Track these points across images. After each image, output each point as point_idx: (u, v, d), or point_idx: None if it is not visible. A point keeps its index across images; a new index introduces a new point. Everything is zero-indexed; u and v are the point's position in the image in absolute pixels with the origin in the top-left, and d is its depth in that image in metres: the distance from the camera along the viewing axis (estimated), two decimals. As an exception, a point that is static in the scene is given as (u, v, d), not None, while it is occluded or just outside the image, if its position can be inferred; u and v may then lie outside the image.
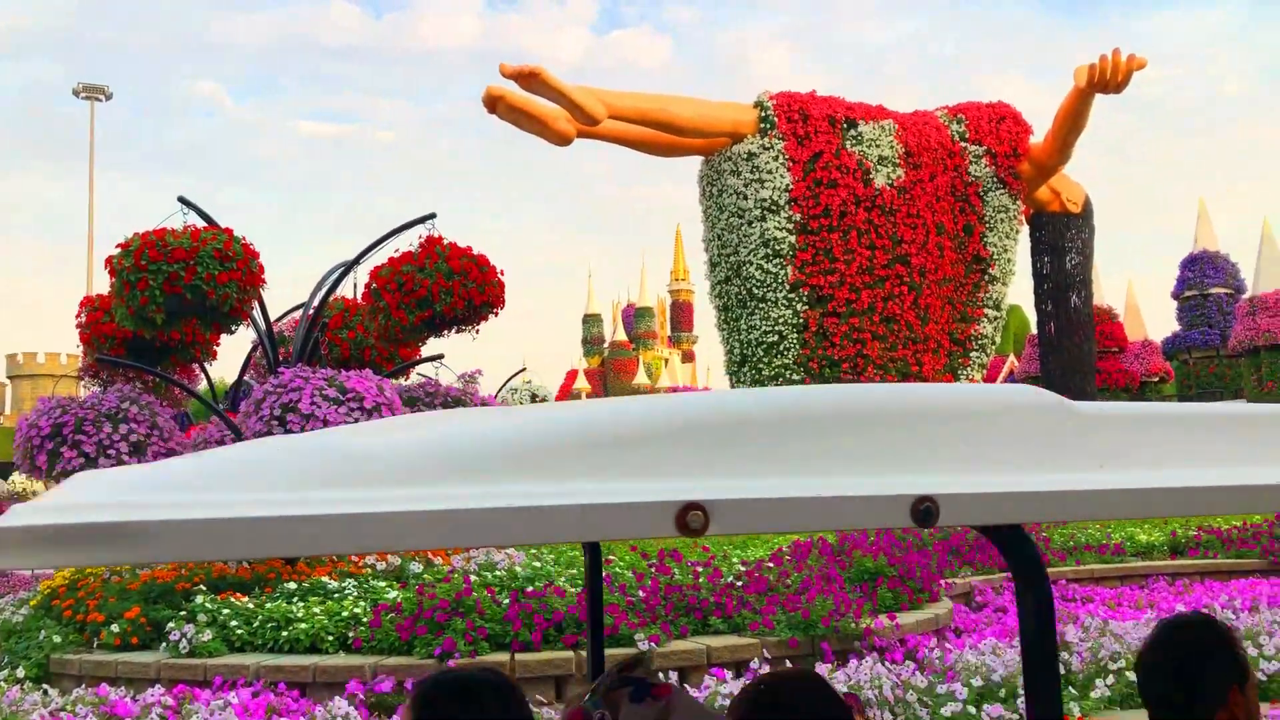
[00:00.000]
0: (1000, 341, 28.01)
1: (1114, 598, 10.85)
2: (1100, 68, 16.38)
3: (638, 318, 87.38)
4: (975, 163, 18.49)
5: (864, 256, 17.34)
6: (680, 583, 7.56)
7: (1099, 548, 12.90)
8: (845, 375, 17.10)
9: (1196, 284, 39.03)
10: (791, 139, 17.33)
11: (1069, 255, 20.36)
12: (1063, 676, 6.81)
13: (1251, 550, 12.81)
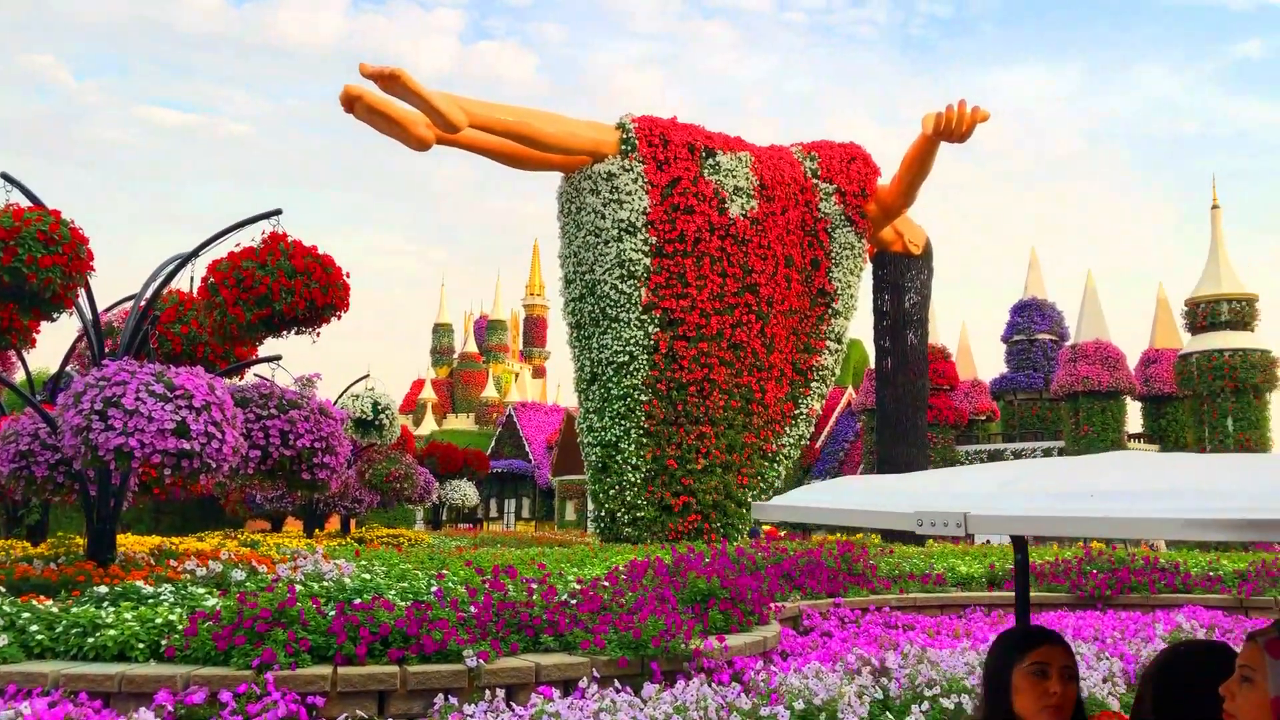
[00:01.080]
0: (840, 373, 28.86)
1: (934, 626, 11.25)
2: (946, 117, 17.16)
3: (490, 330, 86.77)
4: (825, 200, 19.07)
5: (715, 283, 17.64)
6: (514, 599, 7.48)
7: (922, 577, 13.38)
8: (691, 398, 17.33)
9: (1025, 329, 41.18)
10: (651, 163, 17.53)
11: (908, 294, 21.20)
12: (881, 702, 7.02)
13: (1061, 585, 13.49)
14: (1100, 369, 33.70)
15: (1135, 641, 9.31)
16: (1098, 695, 7.34)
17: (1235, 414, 27.06)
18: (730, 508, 17.76)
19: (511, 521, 61.00)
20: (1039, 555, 15.70)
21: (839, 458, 44.53)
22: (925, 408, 21.93)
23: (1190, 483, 2.22)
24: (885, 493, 3.01)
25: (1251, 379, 26.70)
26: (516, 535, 36.77)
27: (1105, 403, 33.84)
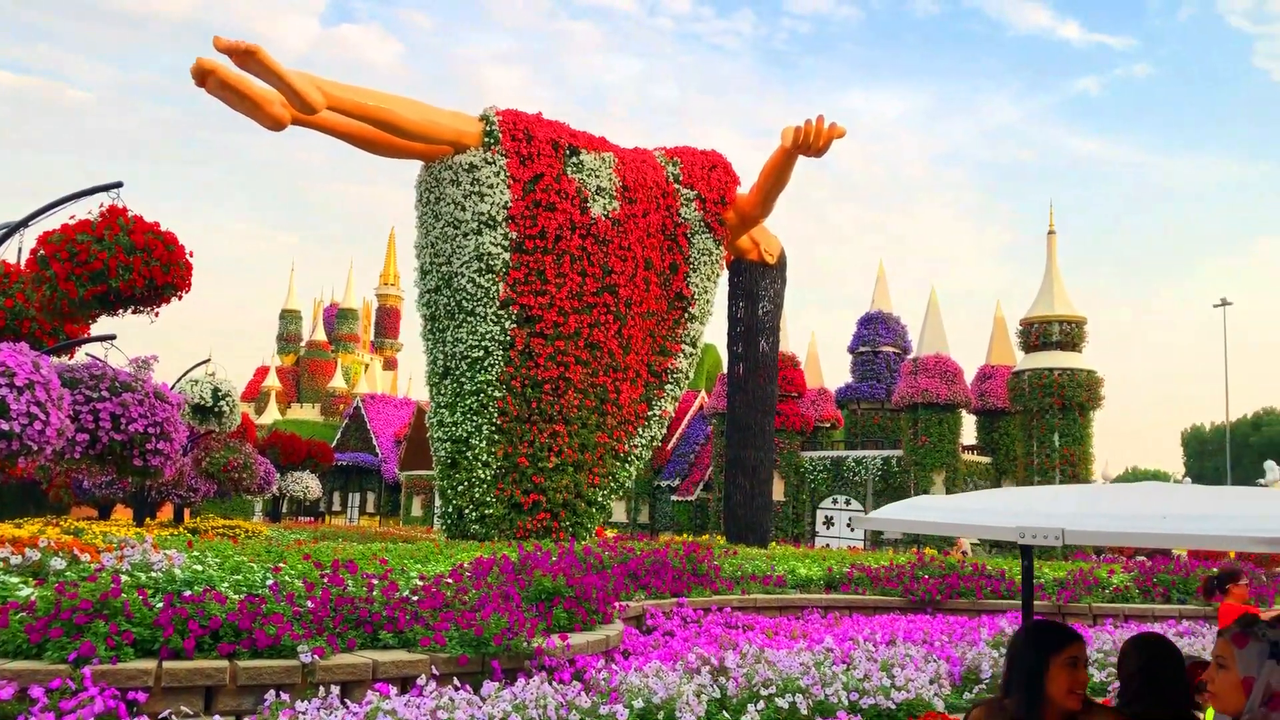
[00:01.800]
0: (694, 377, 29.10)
1: (773, 626, 11.51)
2: (805, 131, 17.57)
3: (340, 319, 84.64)
4: (686, 205, 19.30)
5: (575, 282, 17.63)
6: (353, 594, 7.31)
7: (764, 578, 13.67)
8: (546, 396, 17.28)
9: (870, 341, 42.55)
10: (514, 157, 17.40)
11: (762, 302, 21.64)
12: (718, 700, 7.13)
13: (894, 589, 13.98)
14: (939, 382, 35.09)
15: (961, 645, 9.72)
16: (925, 696, 7.63)
17: (1062, 430, 28.53)
18: (581, 507, 17.78)
19: (355, 516, 59.65)
20: (874, 560, 16.23)
21: (689, 460, 45.12)
22: (774, 413, 22.41)
23: (1228, 508, 3.05)
24: (987, 511, 3.75)
25: (1078, 397, 28.21)
26: (360, 530, 35.99)
27: (943, 415, 35.24)
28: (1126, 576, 15.15)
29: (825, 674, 7.53)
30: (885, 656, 8.44)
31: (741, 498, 21.56)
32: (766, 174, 19.28)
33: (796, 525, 38.12)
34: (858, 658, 8.21)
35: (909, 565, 14.78)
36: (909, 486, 35.35)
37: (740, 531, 21.30)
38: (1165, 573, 15.29)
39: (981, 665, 8.86)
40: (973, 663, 8.91)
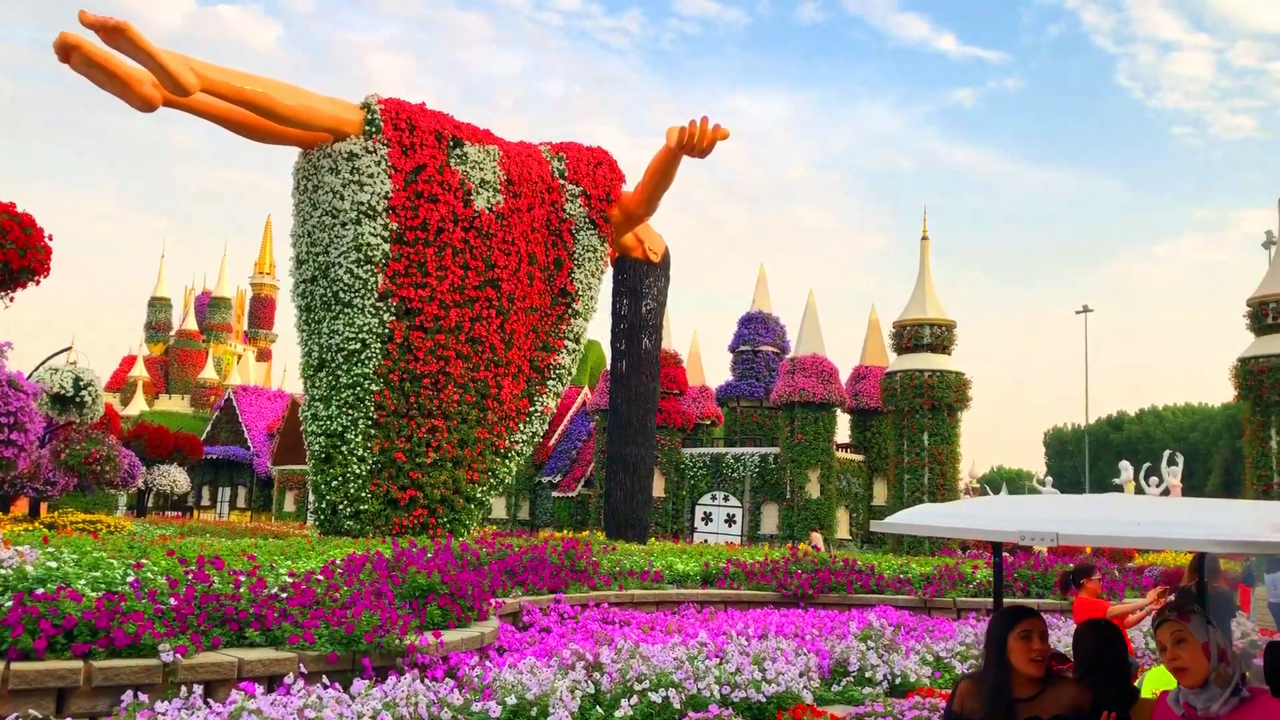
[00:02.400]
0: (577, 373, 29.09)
1: (650, 622, 11.60)
2: (689, 131, 17.73)
3: (212, 308, 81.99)
4: (571, 201, 19.27)
5: (457, 275, 17.43)
6: (219, 591, 7.10)
7: (642, 574, 13.77)
8: (425, 390, 17.05)
9: (750, 341, 43.18)
10: (396, 147, 17.12)
11: (646, 300, 21.77)
12: (592, 696, 7.16)
13: (769, 584, 14.24)
14: (815, 382, 35.82)
15: (831, 638, 9.95)
16: (794, 689, 7.79)
17: (931, 429, 29.43)
18: (459, 503, 17.60)
19: (225, 511, 57.85)
20: (750, 556, 16.49)
21: (571, 456, 45.09)
22: (655, 410, 22.57)
23: (1184, 517, 3.77)
24: (992, 517, 4.51)
25: (946, 398, 29.16)
26: (229, 525, 34.92)
27: (818, 413, 35.99)
28: (989, 572, 15.72)
29: (699, 668, 7.62)
30: (757, 650, 8.59)
31: (622, 494, 21.65)
32: (651, 172, 19.39)
33: (676, 521, 38.47)
34: (731, 652, 8.34)
35: (783, 560, 15.07)
36: (785, 483, 36.02)
37: (620, 528, 21.39)
38: (1026, 568, 15.93)
39: (850, 658, 9.09)
40: (841, 656, 9.14)
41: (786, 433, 36.60)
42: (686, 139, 17.78)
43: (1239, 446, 25.79)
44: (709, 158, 18.39)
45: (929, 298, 30.62)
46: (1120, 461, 61.67)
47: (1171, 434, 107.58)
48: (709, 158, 18.39)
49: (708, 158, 18.41)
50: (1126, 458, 71.21)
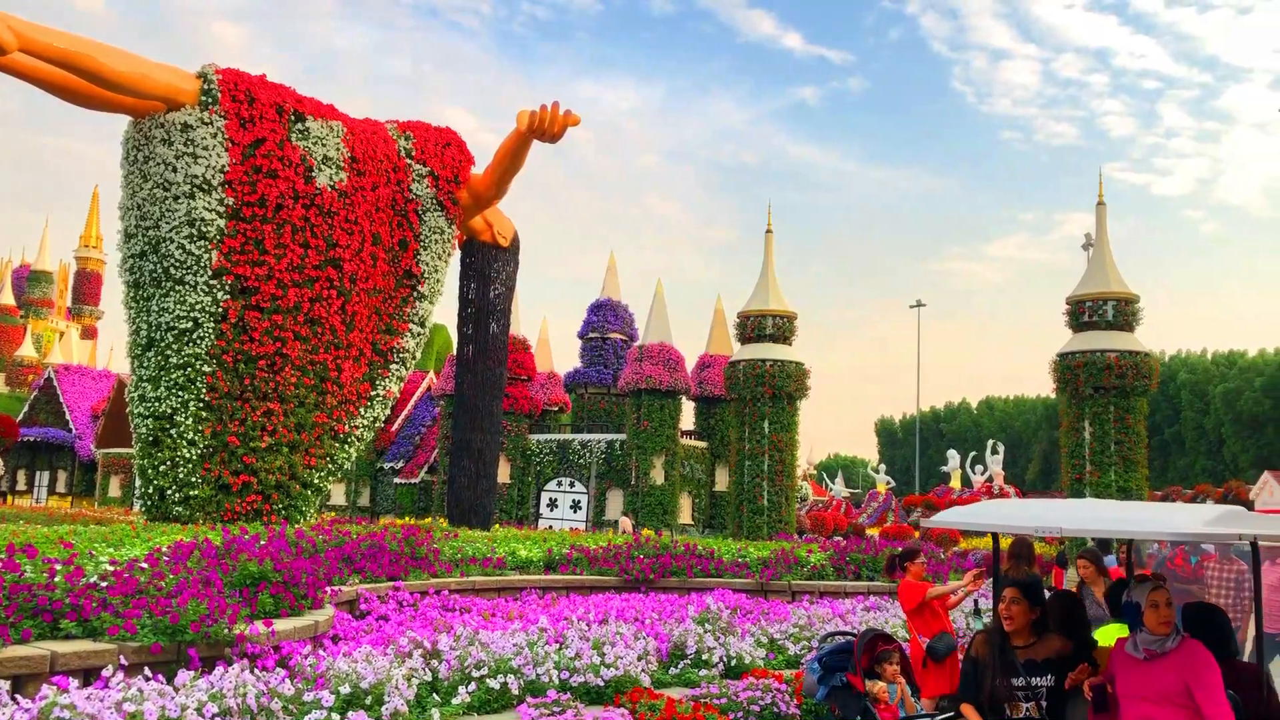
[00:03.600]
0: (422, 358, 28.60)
1: (491, 608, 11.54)
2: (540, 116, 17.64)
3: (32, 282, 77.33)
4: (418, 181, 18.92)
5: (296, 254, 16.91)
6: (31, 581, 6.71)
7: (484, 561, 13.68)
8: (261, 373, 16.49)
9: (599, 328, 43.36)
10: (234, 119, 16.47)
11: (494, 285, 21.58)
12: (429, 684, 7.08)
13: (611, 569, 14.35)
14: (662, 369, 36.25)
15: (670, 622, 10.10)
16: (632, 672, 7.88)
17: (771, 418, 30.11)
18: (295, 489, 17.11)
19: (44, 496, 54.69)
20: (594, 541, 16.58)
21: (415, 442, 44.39)
22: (502, 396, 22.41)
23: (1150, 515, 5.46)
24: (1016, 515, 6.18)
25: (787, 387, 29.88)
26: (48, 511, 33.04)
27: (664, 401, 36.44)
28: (823, 556, 16.22)
29: (538, 654, 7.63)
30: (597, 635, 8.65)
31: (466, 480, 21.44)
32: (501, 156, 19.22)
33: (521, 508, 38.35)
34: (571, 637, 8.37)
35: (625, 546, 15.21)
36: (630, 469, 36.34)
37: (463, 514, 21.19)
38: (858, 552, 16.50)
39: (687, 641, 9.24)
40: (679, 639, 9.29)
41: (633, 419, 36.91)
42: (537, 123, 17.69)
43: (1056, 437, 27.33)
44: (560, 144, 18.36)
45: (772, 290, 31.31)
46: (949, 450, 64.63)
47: (997, 424, 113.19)
48: (560, 144, 18.36)
49: (559, 143, 18.36)
50: (954, 446, 74.65)
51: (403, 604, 11.19)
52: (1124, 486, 24.05)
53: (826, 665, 7.29)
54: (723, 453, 37.61)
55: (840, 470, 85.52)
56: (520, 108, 18.63)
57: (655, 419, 36.32)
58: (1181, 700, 5.00)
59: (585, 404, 43.09)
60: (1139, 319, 25.29)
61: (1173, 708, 5.03)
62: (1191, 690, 4.96)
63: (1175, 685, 5.02)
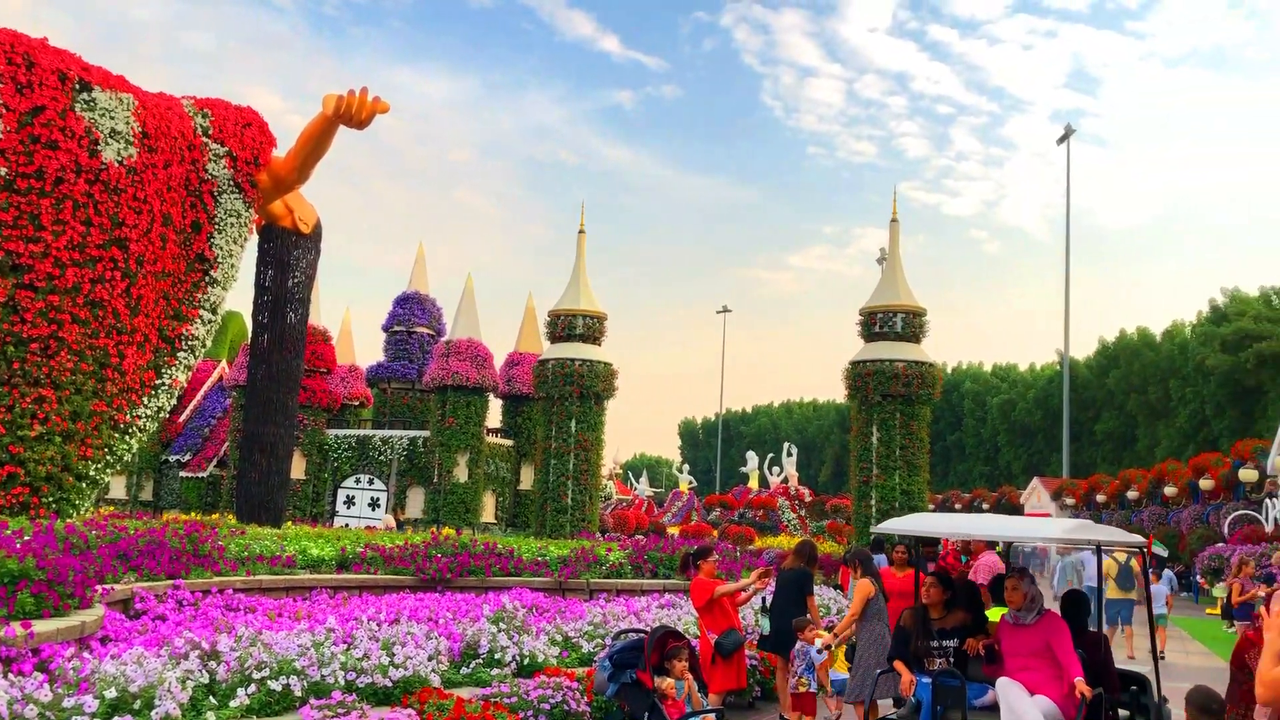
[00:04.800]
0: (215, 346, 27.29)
1: (277, 608, 11.14)
2: (348, 101, 17.15)
3: None
4: (215, 161, 18.07)
5: (77, 231, 15.84)
6: None
7: (272, 559, 13.20)
8: (33, 357, 15.37)
9: (405, 321, 42.49)
10: (10, 84, 15.29)
11: (293, 272, 20.83)
12: (206, 686, 6.78)
13: (407, 568, 14.10)
14: (470, 366, 35.87)
15: (464, 622, 10.01)
16: (422, 672, 7.77)
17: (579, 417, 30.23)
18: (68, 481, 16.01)
19: None
20: (389, 540, 16.26)
21: (204, 434, 42.36)
22: (298, 388, 21.65)
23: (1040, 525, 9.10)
24: (966, 524, 9.73)
25: (595, 387, 30.05)
26: None
27: (471, 398, 36.07)
28: (622, 554, 16.44)
29: (324, 654, 7.43)
30: (388, 635, 8.49)
31: (257, 475, 20.61)
32: (305, 139, 18.57)
33: (316, 504, 37.19)
34: (360, 637, 8.19)
35: (422, 544, 14.98)
36: (433, 467, 35.81)
37: (253, 510, 20.37)
38: (656, 550, 16.80)
39: (481, 640, 9.19)
40: (473, 639, 9.22)
41: (437, 416, 36.37)
42: (344, 108, 17.20)
43: (847, 441, 28.57)
44: (371, 131, 17.92)
45: (583, 290, 31.44)
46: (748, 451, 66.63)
47: (795, 427, 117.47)
48: (371, 131, 17.92)
49: (368, 130, 17.92)
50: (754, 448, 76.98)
51: (182, 604, 10.68)
52: (907, 489, 25.35)
53: (617, 662, 7.39)
54: (529, 451, 37.54)
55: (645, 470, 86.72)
56: (328, 92, 18.05)
57: (461, 416, 35.91)
58: (1045, 655, 6.99)
59: (388, 399, 42.15)
60: (925, 331, 26.70)
61: (1039, 660, 7.00)
62: (1051, 647, 6.97)
63: (1040, 644, 7.05)
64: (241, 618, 9.96)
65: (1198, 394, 56.96)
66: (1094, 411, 71.67)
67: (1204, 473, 39.49)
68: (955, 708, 7.04)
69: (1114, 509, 50.25)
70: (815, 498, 56.80)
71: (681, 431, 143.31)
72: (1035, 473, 72.16)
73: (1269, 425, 40.58)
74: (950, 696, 7.05)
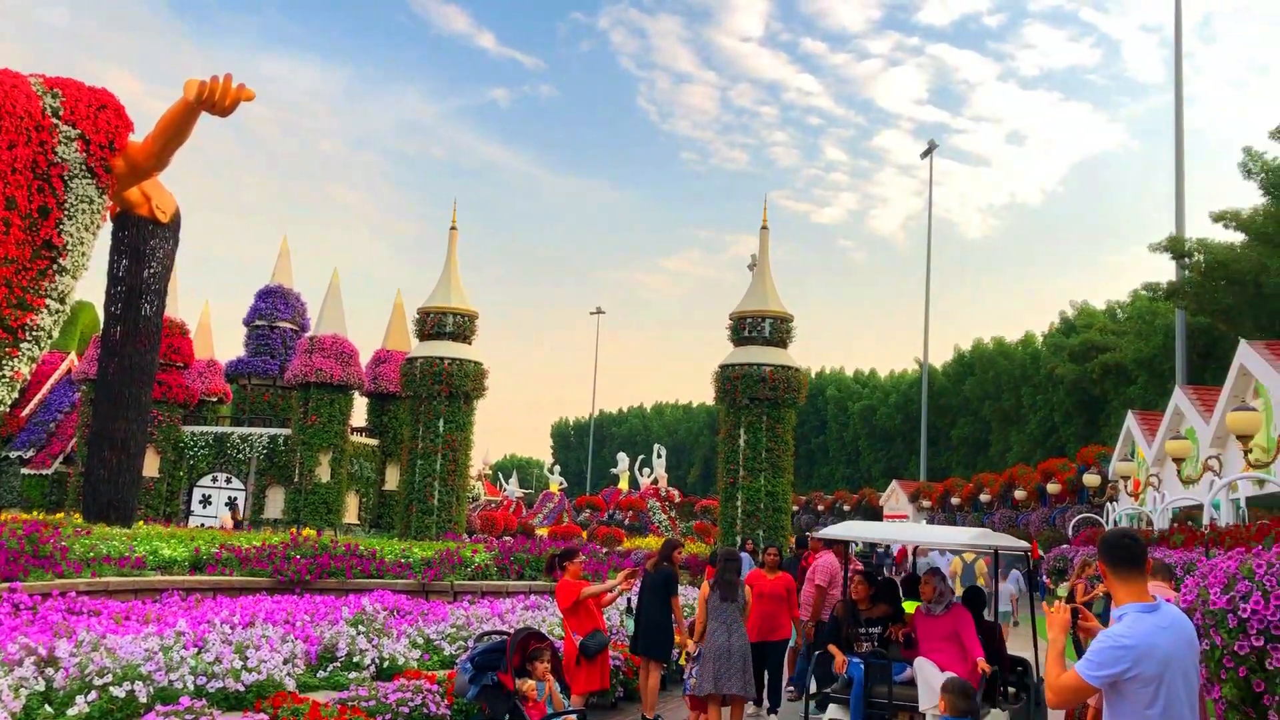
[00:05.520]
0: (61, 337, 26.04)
1: (125, 611, 10.69)
2: (210, 87, 16.57)
3: None
4: (66, 144, 17.22)
5: (-90, 212, 14.91)
6: None
7: (120, 560, 12.67)
8: None
9: (268, 315, 41.27)
10: None
11: (149, 263, 20.00)
12: (42, 694, 6.47)
13: (264, 570, 13.71)
14: (334, 363, 35.07)
15: (323, 624, 9.79)
16: (276, 676, 7.57)
17: (447, 416, 29.88)
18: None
19: None
20: (246, 541, 15.77)
21: (49, 429, 40.34)
22: (152, 383, 20.78)
23: (957, 533, 10.50)
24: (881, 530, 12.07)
25: (464, 386, 29.76)
26: None
27: (335, 395, 35.27)
28: (488, 555, 16.32)
29: (173, 659, 7.17)
30: (241, 639, 8.24)
31: (107, 473, 19.67)
32: (165, 125, 17.85)
33: (170, 503, 35.82)
34: (212, 640, 7.93)
35: (281, 546, 14.59)
36: (294, 466, 34.90)
37: (101, 509, 19.44)
38: (523, 552, 16.73)
39: (339, 643, 9.00)
40: (331, 641, 9.03)
41: (300, 413, 35.46)
42: (207, 94, 16.61)
43: (716, 443, 28.97)
44: (236, 119, 17.35)
45: (454, 287, 31.10)
46: (619, 453, 66.93)
47: (666, 429, 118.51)
48: (236, 119, 17.35)
49: (233, 118, 17.34)
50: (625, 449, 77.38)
51: (19, 607, 10.15)
52: (772, 491, 25.83)
53: (478, 664, 7.32)
54: (394, 450, 36.90)
55: (515, 470, 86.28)
56: (190, 77, 17.40)
57: (324, 414, 35.08)
58: (953, 639, 8.37)
59: (248, 395, 40.86)
60: (793, 336, 27.27)
61: (948, 643, 8.36)
62: (958, 633, 8.36)
63: (949, 630, 8.44)
64: (85, 621, 9.52)
65: (1048, 401, 59.63)
66: (950, 417, 74.37)
67: (1051, 477, 41.39)
68: (882, 682, 8.37)
69: (967, 511, 52.21)
70: (685, 499, 57.38)
71: (553, 432, 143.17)
72: (894, 475, 74.49)
73: (1111, 433, 42.80)
74: (878, 673, 8.43)
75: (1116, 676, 3.79)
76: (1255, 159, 31.08)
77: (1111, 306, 57.08)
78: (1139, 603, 3.91)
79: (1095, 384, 50.30)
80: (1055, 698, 4.01)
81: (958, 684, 6.48)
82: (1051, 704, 4.12)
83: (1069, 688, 3.92)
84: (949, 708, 6.18)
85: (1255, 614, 4.87)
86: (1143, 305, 48.05)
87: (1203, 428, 25.12)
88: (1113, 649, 3.80)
